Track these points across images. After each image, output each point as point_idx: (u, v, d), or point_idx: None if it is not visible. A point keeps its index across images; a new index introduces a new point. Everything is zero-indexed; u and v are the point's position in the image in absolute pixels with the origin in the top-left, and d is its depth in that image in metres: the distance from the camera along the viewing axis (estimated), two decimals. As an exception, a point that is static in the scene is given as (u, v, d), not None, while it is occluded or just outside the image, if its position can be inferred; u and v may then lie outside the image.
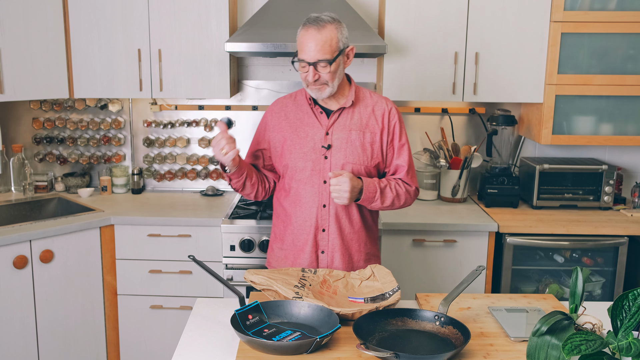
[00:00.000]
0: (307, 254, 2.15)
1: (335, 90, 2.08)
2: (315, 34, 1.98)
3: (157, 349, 3.06)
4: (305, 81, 2.05)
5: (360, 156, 2.12)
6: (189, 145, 3.51)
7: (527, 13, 3.01)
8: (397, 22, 3.04)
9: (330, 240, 2.14)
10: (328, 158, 2.11)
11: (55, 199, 3.34)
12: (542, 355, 1.37)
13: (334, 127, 2.13)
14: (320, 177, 2.12)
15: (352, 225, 2.16)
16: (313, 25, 1.99)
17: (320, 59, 1.99)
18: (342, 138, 2.12)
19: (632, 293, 1.32)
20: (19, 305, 2.74)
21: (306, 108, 2.16)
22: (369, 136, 2.13)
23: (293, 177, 2.15)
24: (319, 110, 2.14)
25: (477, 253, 2.95)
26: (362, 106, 2.16)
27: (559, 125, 3.10)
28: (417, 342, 1.63)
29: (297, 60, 2.04)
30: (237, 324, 1.62)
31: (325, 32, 1.99)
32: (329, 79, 2.03)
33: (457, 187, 3.28)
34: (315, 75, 2.01)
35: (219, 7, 3.04)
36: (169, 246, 2.98)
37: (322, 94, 2.07)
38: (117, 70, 3.12)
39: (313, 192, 2.13)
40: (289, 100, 2.22)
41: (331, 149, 2.11)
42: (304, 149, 2.12)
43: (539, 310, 1.86)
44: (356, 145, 2.12)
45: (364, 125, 2.14)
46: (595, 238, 2.93)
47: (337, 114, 2.13)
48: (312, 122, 2.14)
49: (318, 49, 1.98)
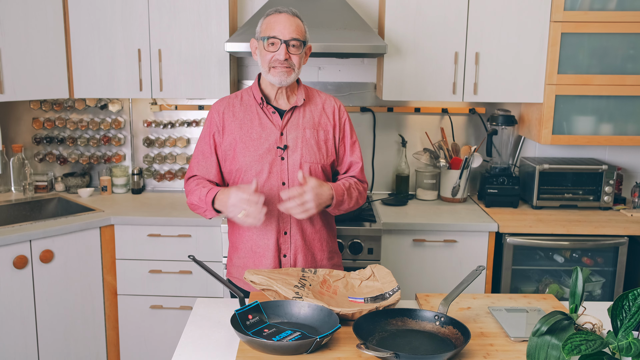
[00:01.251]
0: (269, 259, 2.09)
1: (296, 78, 2.07)
2: (289, 17, 2.00)
3: (157, 349, 3.06)
4: (272, 62, 2.00)
5: (316, 155, 2.09)
6: (189, 145, 3.51)
7: (527, 13, 3.01)
8: (397, 22, 3.04)
9: (292, 242, 2.10)
10: (285, 159, 2.07)
11: (55, 199, 3.34)
12: (542, 355, 1.37)
13: (287, 127, 2.09)
14: (278, 179, 2.07)
15: (313, 225, 2.12)
16: (285, 11, 2.01)
17: (295, 37, 1.98)
18: (296, 137, 2.08)
19: (632, 293, 1.32)
20: (19, 305, 2.74)
21: (256, 108, 2.10)
22: (323, 134, 2.12)
23: (249, 180, 2.05)
24: (272, 110, 2.08)
25: (477, 253, 2.95)
26: (312, 104, 2.14)
27: (559, 125, 3.10)
28: (417, 342, 1.63)
29: (266, 38, 1.99)
30: (237, 324, 1.62)
31: (297, 19, 2.02)
32: (297, 63, 2.01)
33: (457, 187, 3.28)
34: (287, 54, 1.98)
35: (219, 7, 3.04)
36: (169, 246, 2.98)
37: (288, 79, 2.02)
38: (117, 70, 3.12)
39: (272, 195, 2.06)
40: (234, 100, 2.14)
41: (287, 149, 2.07)
42: (259, 151, 2.06)
43: (539, 310, 1.86)
44: (311, 144, 2.09)
45: (316, 124, 2.11)
46: (595, 238, 2.93)
47: (290, 113, 2.09)
48: (265, 122, 2.08)
49: (293, 29, 1.98)
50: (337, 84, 3.43)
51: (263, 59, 2.03)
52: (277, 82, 2.03)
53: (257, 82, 2.13)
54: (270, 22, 2.00)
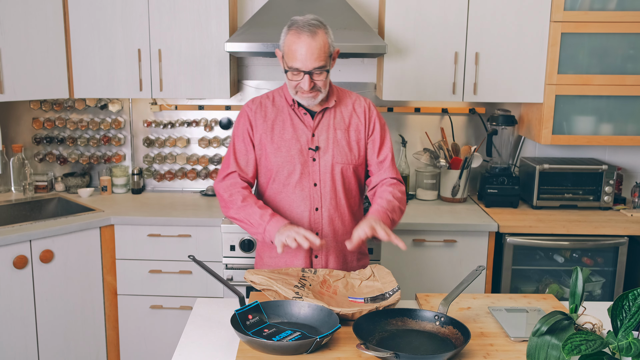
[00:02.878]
0: (301, 259, 2.10)
1: (325, 95, 2.04)
2: (309, 41, 1.91)
3: (157, 349, 3.06)
4: (297, 89, 1.99)
5: (348, 155, 2.09)
6: (189, 145, 3.51)
7: (527, 13, 3.01)
8: (397, 22, 3.04)
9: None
10: (316, 160, 2.07)
11: (55, 199, 3.34)
12: (542, 355, 1.37)
13: (318, 128, 2.08)
14: (310, 180, 2.07)
15: (344, 226, 2.12)
16: (305, 31, 1.92)
17: (317, 66, 1.94)
18: (328, 139, 2.07)
19: (632, 293, 1.32)
20: (19, 305, 2.74)
21: (287, 109, 2.10)
22: (354, 134, 2.11)
23: (280, 181, 2.07)
24: (303, 112, 2.08)
25: (477, 253, 2.95)
26: (343, 105, 2.13)
27: (559, 125, 3.10)
28: (417, 342, 1.63)
29: (289, 70, 1.96)
30: (237, 324, 1.62)
31: (318, 38, 1.93)
32: (322, 85, 1.99)
33: (457, 187, 3.28)
34: (311, 83, 1.96)
35: (219, 7, 3.04)
36: (169, 246, 2.98)
37: (315, 101, 2.02)
38: (117, 70, 3.12)
39: (304, 196, 2.07)
40: (266, 101, 2.13)
41: (319, 151, 2.07)
42: (291, 152, 2.06)
43: (539, 310, 1.86)
44: (343, 145, 2.08)
45: (347, 124, 2.11)
46: (595, 238, 2.93)
47: (321, 114, 2.09)
48: (297, 123, 2.08)
49: (315, 57, 1.92)
50: (337, 84, 3.43)
51: (289, 83, 2.01)
52: (305, 104, 2.04)
53: None
54: (291, 48, 1.94)
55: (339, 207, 2.10)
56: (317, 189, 2.07)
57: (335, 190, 2.09)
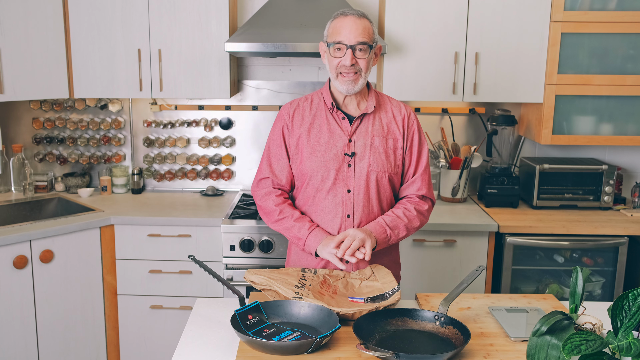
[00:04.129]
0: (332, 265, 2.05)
1: (364, 84, 2.02)
2: (355, 19, 1.93)
3: (157, 349, 3.06)
4: (339, 68, 1.95)
5: (384, 163, 2.04)
6: (189, 145, 3.51)
7: (527, 13, 3.01)
8: (397, 22, 3.04)
9: None
10: (352, 166, 2.03)
11: (55, 199, 3.34)
12: (542, 355, 1.37)
13: (356, 134, 2.03)
14: (344, 186, 2.02)
15: None
16: (352, 13, 1.95)
17: (361, 41, 1.92)
18: (365, 145, 2.02)
19: (632, 293, 1.32)
20: (19, 305, 2.74)
21: (325, 113, 2.06)
22: (392, 142, 2.06)
23: (314, 186, 2.04)
24: (341, 116, 2.03)
25: (477, 253, 2.95)
26: (382, 111, 2.08)
27: (559, 125, 3.10)
28: (417, 342, 1.63)
29: (332, 44, 1.94)
30: (237, 324, 1.62)
31: (364, 20, 1.95)
32: (364, 67, 1.96)
33: (457, 187, 3.28)
34: (353, 59, 1.93)
35: (219, 7, 3.04)
36: (169, 246, 2.98)
37: (355, 86, 1.98)
38: (117, 70, 3.12)
39: (336, 202, 2.03)
40: (304, 104, 2.10)
41: (355, 157, 2.03)
42: (327, 157, 2.02)
43: (539, 310, 1.86)
44: (380, 152, 2.03)
45: (385, 132, 2.06)
46: (595, 238, 2.93)
47: (359, 119, 2.04)
48: (334, 128, 2.03)
49: (359, 32, 1.91)
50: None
51: (330, 64, 1.99)
52: (345, 91, 2.00)
53: (328, 85, 2.09)
54: (337, 27, 1.95)
55: (371, 215, 2.05)
56: (351, 196, 2.03)
57: (368, 198, 2.04)
